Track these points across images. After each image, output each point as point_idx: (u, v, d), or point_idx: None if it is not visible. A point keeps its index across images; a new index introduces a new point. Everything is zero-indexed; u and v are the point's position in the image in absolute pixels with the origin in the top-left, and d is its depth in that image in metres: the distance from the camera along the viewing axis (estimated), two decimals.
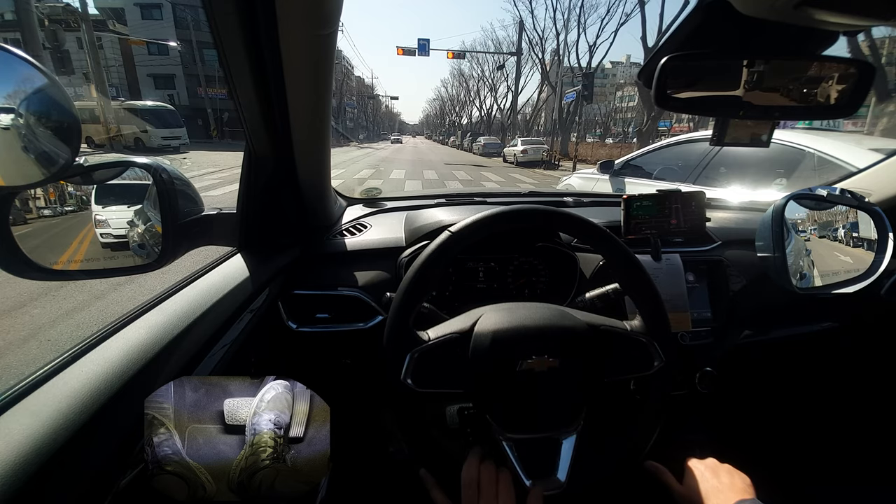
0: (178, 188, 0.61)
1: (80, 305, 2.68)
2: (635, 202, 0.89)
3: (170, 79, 29.59)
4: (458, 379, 0.53)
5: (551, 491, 0.51)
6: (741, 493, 0.49)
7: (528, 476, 0.52)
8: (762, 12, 0.36)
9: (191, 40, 26.86)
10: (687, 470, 0.56)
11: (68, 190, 0.57)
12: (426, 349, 0.52)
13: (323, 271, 0.88)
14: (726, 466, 0.55)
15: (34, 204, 0.53)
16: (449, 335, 0.54)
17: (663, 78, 0.43)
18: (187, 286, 0.62)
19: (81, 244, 0.58)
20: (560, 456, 0.53)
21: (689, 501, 0.53)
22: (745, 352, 0.96)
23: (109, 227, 0.60)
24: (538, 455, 0.53)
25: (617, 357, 0.57)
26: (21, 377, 0.40)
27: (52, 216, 0.56)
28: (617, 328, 0.57)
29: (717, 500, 0.50)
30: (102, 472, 0.38)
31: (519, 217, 0.55)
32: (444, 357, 0.53)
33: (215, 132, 26.87)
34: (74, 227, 0.58)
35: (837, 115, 0.46)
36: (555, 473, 0.52)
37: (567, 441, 0.54)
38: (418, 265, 0.51)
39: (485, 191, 1.32)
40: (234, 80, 0.58)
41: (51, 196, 0.55)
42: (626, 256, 0.57)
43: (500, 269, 0.93)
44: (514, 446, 0.53)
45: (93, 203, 0.57)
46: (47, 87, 0.41)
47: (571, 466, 0.52)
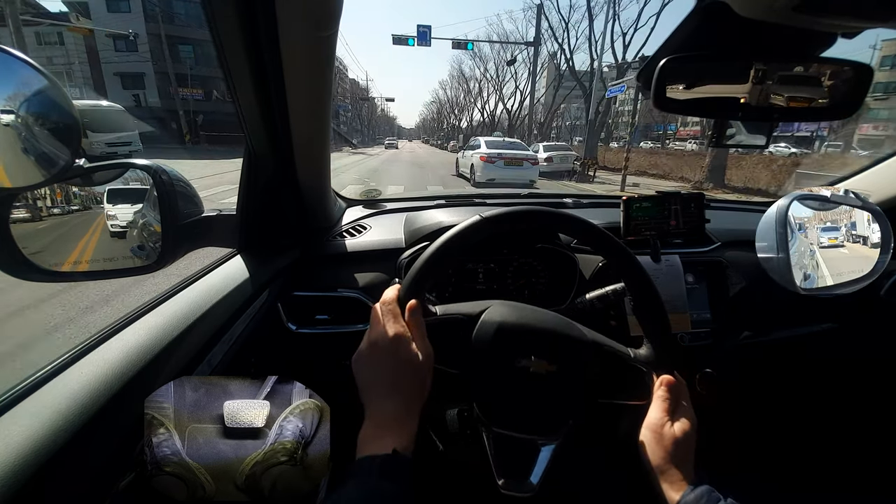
0: (178, 189, 0.62)
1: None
2: (635, 203, 0.89)
3: (139, 77, 26.62)
4: (457, 360, 0.53)
5: (521, 493, 0.51)
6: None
7: (501, 474, 0.51)
8: (760, 14, 0.37)
9: (160, 34, 23.97)
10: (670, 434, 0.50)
11: (73, 191, 0.58)
12: (431, 321, 0.52)
13: (323, 272, 0.88)
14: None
15: (43, 204, 0.54)
16: (456, 314, 0.54)
17: (662, 79, 0.44)
18: (187, 287, 0.62)
19: (88, 244, 0.59)
20: (537, 461, 0.52)
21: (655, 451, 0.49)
22: (745, 353, 0.96)
23: (117, 220, 0.62)
24: (516, 455, 0.53)
25: (614, 380, 0.57)
26: (21, 378, 0.40)
27: (58, 215, 0.56)
28: (620, 352, 0.57)
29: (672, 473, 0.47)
30: (102, 473, 0.38)
31: (521, 217, 0.55)
32: (447, 335, 0.53)
33: (188, 136, 24.55)
34: (79, 228, 0.58)
35: (835, 117, 0.46)
36: (528, 477, 0.52)
37: (546, 448, 0.53)
38: (445, 238, 0.52)
39: (484, 192, 1.33)
40: (234, 80, 0.58)
41: (58, 196, 0.56)
42: (628, 259, 0.57)
43: (500, 271, 0.93)
44: (493, 441, 0.53)
45: (105, 202, 0.61)
46: (47, 88, 0.41)
47: (545, 475, 0.52)
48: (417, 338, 0.47)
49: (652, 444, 0.49)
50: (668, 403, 0.51)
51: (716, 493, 0.44)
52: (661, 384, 0.53)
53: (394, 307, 0.48)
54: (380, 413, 0.43)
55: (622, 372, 0.57)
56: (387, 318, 0.47)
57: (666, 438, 0.49)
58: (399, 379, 0.45)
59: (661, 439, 0.49)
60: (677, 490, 0.46)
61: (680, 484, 0.46)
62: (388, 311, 0.48)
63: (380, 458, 0.38)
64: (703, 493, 0.44)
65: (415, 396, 0.45)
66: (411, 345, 0.46)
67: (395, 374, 0.45)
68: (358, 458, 0.39)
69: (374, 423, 0.43)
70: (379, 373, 0.45)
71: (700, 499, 0.43)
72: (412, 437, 0.42)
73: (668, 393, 0.52)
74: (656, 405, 0.52)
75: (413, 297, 0.49)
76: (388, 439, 0.40)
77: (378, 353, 0.46)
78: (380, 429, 0.42)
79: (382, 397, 0.44)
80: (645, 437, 0.51)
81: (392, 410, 0.43)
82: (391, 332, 0.46)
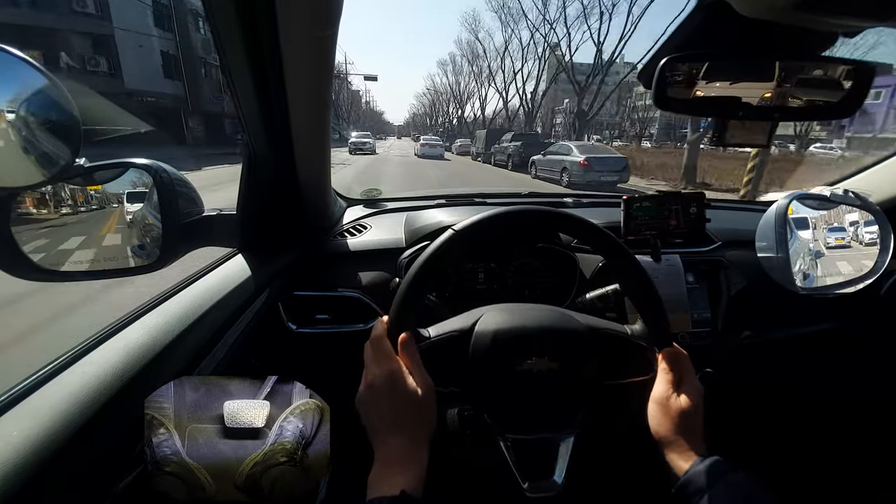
0: (179, 189, 0.62)
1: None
2: (635, 203, 0.89)
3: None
4: (457, 377, 0.53)
5: (548, 493, 0.51)
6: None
7: (525, 478, 0.52)
8: (762, 13, 0.36)
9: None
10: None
11: (90, 192, 0.58)
12: (426, 346, 0.52)
13: (323, 272, 0.88)
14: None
15: (45, 203, 0.54)
16: (449, 333, 0.54)
17: (662, 79, 0.44)
18: (187, 287, 0.62)
19: (91, 244, 0.59)
20: (557, 458, 0.53)
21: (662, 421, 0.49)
22: (745, 352, 0.96)
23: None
24: (535, 457, 0.53)
25: (617, 361, 0.57)
26: (21, 378, 0.40)
27: (57, 216, 0.56)
28: (617, 332, 0.57)
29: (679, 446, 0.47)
30: (102, 473, 0.38)
31: (521, 218, 0.55)
32: (444, 355, 0.53)
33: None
34: (82, 228, 0.58)
35: (836, 116, 0.46)
36: (552, 476, 0.52)
37: (564, 443, 0.54)
38: (420, 263, 0.51)
39: (485, 191, 1.33)
40: (234, 80, 0.58)
41: (79, 198, 0.57)
42: (628, 259, 0.57)
43: (500, 271, 0.93)
44: (511, 447, 0.53)
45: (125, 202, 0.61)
46: (47, 87, 0.41)
47: (569, 469, 0.52)
48: (414, 371, 0.47)
49: (659, 416, 0.50)
50: (672, 375, 0.52)
51: (725, 463, 0.44)
52: (663, 357, 0.53)
53: (385, 344, 0.48)
54: (385, 453, 0.43)
55: (623, 351, 0.57)
56: (379, 357, 0.47)
57: (672, 410, 0.49)
58: (399, 416, 0.45)
59: (667, 411, 0.49)
60: (686, 460, 0.46)
61: (688, 454, 0.46)
62: (380, 349, 0.48)
63: (388, 499, 0.38)
64: (712, 463, 0.44)
65: (419, 430, 0.45)
66: (408, 380, 0.46)
67: (395, 413, 0.45)
68: (367, 499, 0.39)
69: (381, 464, 0.42)
70: (380, 413, 0.45)
71: (709, 469, 0.43)
72: (421, 472, 0.42)
73: (671, 365, 0.52)
74: (661, 378, 0.52)
75: (403, 328, 0.49)
76: (396, 478, 0.40)
77: (376, 394, 0.46)
78: (387, 468, 0.42)
79: (386, 438, 0.44)
80: (652, 411, 0.51)
81: (397, 450, 0.43)
82: (385, 371, 0.46)
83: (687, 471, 0.44)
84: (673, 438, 0.48)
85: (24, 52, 0.39)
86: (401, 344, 0.48)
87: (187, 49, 20.19)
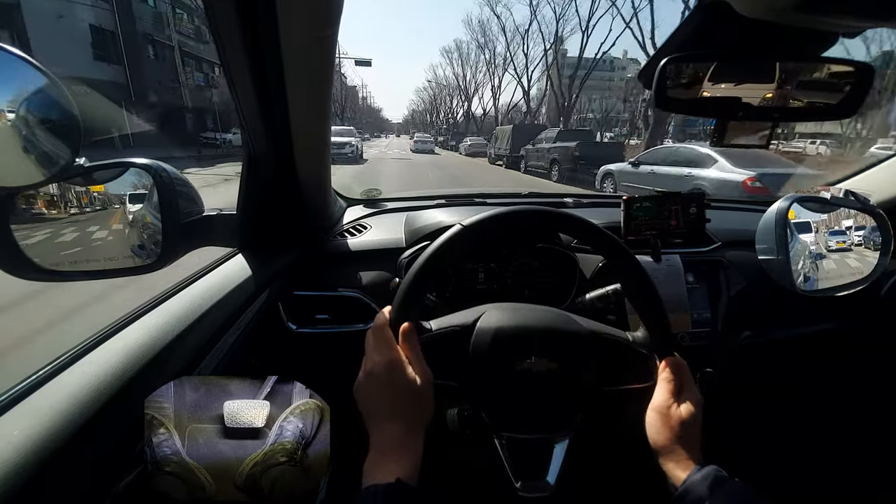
0: (179, 189, 0.61)
1: None
2: (635, 203, 0.89)
3: None
4: (456, 372, 0.53)
5: (540, 493, 0.51)
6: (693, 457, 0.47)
7: (518, 477, 0.52)
8: (762, 13, 0.36)
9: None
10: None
11: (93, 193, 0.58)
12: (426, 339, 0.52)
13: (323, 272, 0.88)
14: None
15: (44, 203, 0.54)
16: (451, 327, 0.54)
17: (663, 79, 0.44)
18: (187, 287, 0.62)
19: (91, 244, 0.58)
20: (552, 460, 0.53)
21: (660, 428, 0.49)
22: (745, 352, 0.96)
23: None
24: (530, 457, 0.53)
25: (616, 367, 0.57)
26: (21, 378, 0.40)
27: (56, 216, 0.56)
28: (619, 338, 0.57)
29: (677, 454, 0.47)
30: (102, 473, 0.38)
31: (530, 217, 0.55)
32: (444, 349, 0.53)
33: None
34: (82, 227, 0.58)
35: (836, 117, 0.46)
36: (545, 477, 0.52)
37: (559, 445, 0.54)
38: (426, 256, 0.51)
39: (485, 191, 1.33)
40: (234, 79, 0.58)
41: (83, 200, 0.57)
42: (629, 260, 0.57)
43: (500, 271, 0.93)
44: (506, 446, 0.53)
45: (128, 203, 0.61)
46: (47, 86, 0.41)
47: (562, 471, 0.52)
48: (413, 361, 0.47)
49: (658, 425, 0.50)
50: (672, 385, 0.52)
51: (722, 472, 0.44)
52: (665, 366, 0.53)
53: (386, 332, 0.48)
54: (381, 441, 0.43)
55: (623, 358, 0.57)
56: (380, 345, 0.47)
57: (672, 419, 0.49)
58: (397, 405, 0.45)
59: (667, 420, 0.49)
60: (684, 469, 0.46)
61: (686, 463, 0.46)
62: (381, 338, 0.48)
63: (383, 486, 0.38)
64: (710, 473, 0.44)
65: (415, 420, 0.45)
66: (407, 369, 0.46)
67: (393, 401, 0.45)
68: (363, 487, 0.39)
69: (376, 451, 0.43)
70: (377, 401, 0.45)
71: (707, 478, 0.43)
72: (416, 461, 0.42)
73: (673, 374, 0.52)
74: (661, 387, 0.52)
75: (405, 319, 0.49)
76: (391, 466, 0.40)
77: (375, 382, 0.46)
78: (383, 455, 0.42)
79: (383, 425, 0.44)
80: (651, 419, 0.51)
81: (393, 437, 0.43)
82: (385, 360, 0.46)
83: (685, 480, 0.45)
84: (671, 447, 0.48)
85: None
86: (402, 334, 0.48)
87: (129, 24, 15.97)
